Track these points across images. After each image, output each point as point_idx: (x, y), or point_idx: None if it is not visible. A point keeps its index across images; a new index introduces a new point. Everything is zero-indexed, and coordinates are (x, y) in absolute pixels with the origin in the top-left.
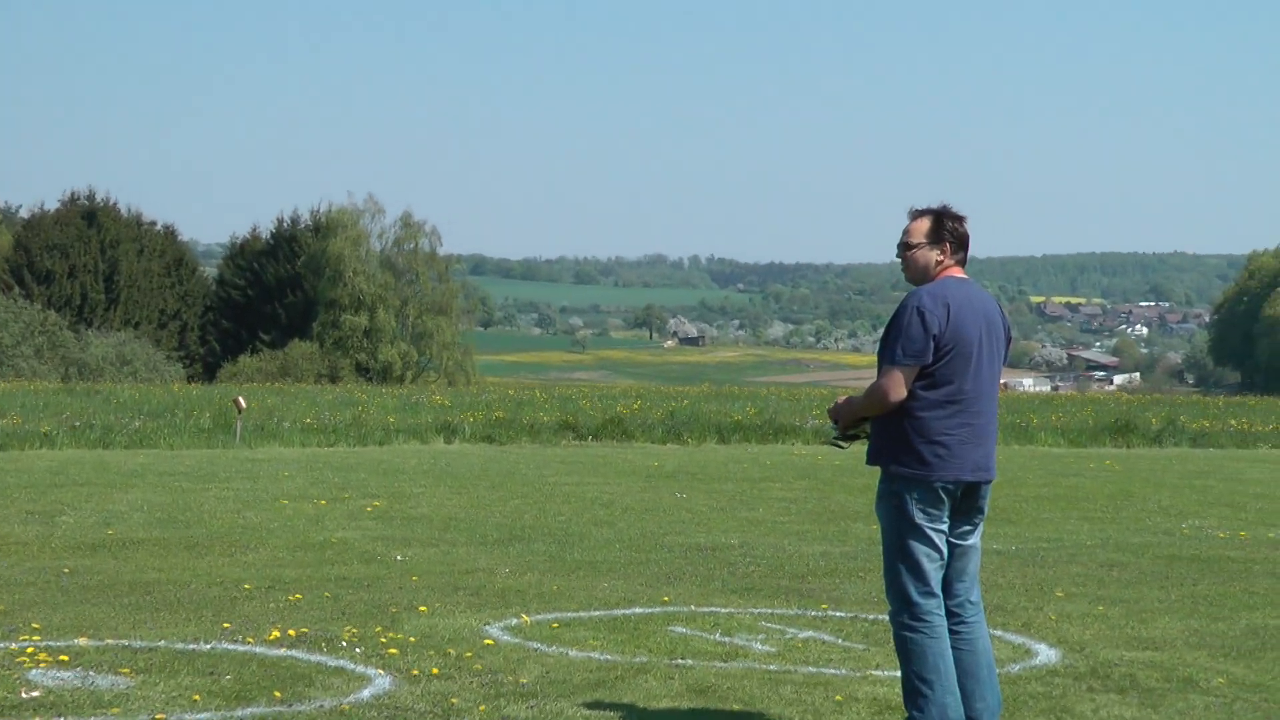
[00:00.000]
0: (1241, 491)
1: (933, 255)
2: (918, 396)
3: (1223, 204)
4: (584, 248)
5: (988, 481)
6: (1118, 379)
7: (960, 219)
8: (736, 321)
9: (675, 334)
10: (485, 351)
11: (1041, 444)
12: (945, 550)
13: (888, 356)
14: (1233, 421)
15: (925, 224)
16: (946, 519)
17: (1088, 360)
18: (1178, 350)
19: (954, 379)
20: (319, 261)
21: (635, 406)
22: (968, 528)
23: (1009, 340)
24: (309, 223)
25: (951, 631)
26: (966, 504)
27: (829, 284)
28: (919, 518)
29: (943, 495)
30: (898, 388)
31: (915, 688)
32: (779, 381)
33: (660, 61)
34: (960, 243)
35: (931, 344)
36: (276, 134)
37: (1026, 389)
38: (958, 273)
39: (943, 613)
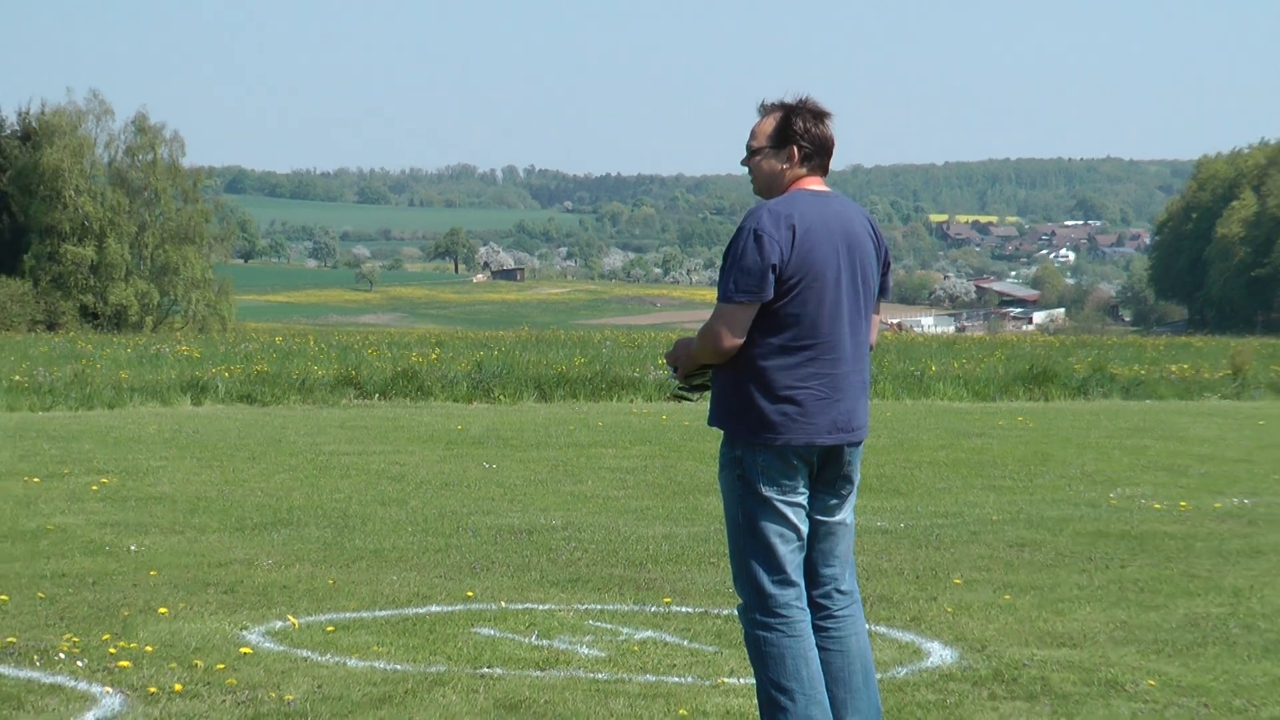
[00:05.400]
0: (1183, 453)
1: (777, 164)
2: (758, 342)
3: (1165, 99)
4: (370, 158)
5: (853, 444)
6: (1038, 316)
7: (819, 116)
8: (564, 250)
9: (487, 266)
10: (246, 290)
11: (940, 397)
12: (804, 528)
13: (720, 291)
14: (1173, 367)
15: (770, 123)
16: (805, 489)
17: (1001, 294)
18: (1111, 280)
19: (802, 319)
20: (30, 177)
21: (434, 356)
22: (834, 501)
23: (886, 266)
24: (17, 128)
25: (817, 628)
26: (829, 472)
27: (679, 201)
28: (768, 490)
29: (796, 463)
30: (730, 331)
31: (772, 698)
32: (617, 324)
33: None
34: (817, 147)
35: (771, 275)
36: None
37: (925, 329)
38: (815, 184)
39: (805, 605)
